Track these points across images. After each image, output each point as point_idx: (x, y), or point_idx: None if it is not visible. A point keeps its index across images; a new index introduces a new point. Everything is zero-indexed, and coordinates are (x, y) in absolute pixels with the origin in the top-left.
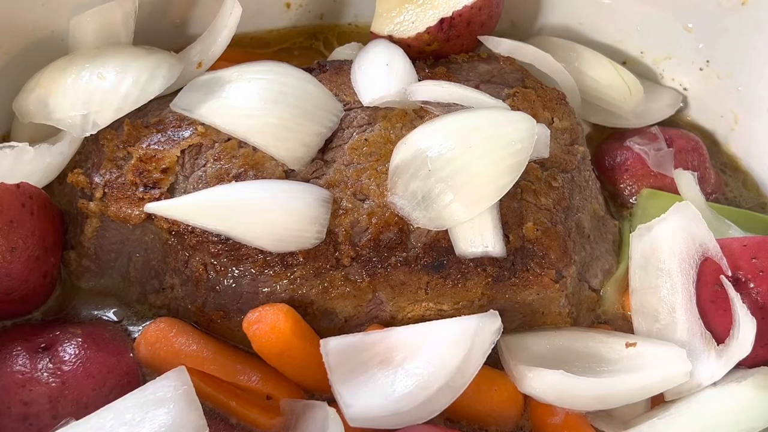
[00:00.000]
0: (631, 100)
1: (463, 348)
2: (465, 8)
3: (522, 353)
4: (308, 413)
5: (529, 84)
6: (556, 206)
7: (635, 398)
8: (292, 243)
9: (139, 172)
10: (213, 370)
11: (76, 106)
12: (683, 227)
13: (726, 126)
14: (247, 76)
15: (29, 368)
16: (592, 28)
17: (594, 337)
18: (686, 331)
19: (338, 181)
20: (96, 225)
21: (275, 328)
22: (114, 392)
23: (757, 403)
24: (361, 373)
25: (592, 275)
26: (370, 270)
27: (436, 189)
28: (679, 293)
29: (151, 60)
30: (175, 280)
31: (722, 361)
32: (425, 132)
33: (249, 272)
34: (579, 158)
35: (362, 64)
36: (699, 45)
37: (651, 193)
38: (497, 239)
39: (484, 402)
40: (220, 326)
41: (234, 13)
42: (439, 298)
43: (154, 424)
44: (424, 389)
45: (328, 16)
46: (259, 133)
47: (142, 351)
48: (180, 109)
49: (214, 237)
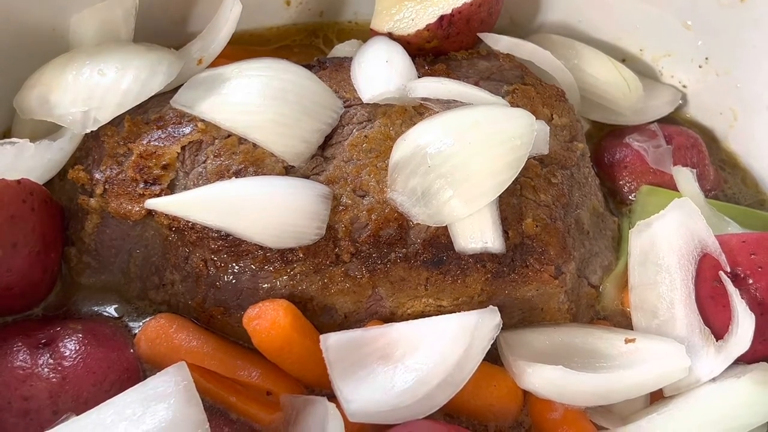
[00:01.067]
0: (631, 97)
1: (462, 344)
2: (465, 5)
3: (521, 349)
4: (308, 409)
5: (528, 81)
6: (556, 203)
7: (634, 394)
8: (292, 239)
9: (139, 168)
10: (213, 365)
11: (76, 102)
12: (682, 224)
13: (725, 123)
14: (247, 72)
15: (30, 364)
16: (592, 25)
17: (593, 333)
18: (685, 327)
19: (338, 178)
20: (96, 221)
21: (275, 323)
22: (114, 388)
23: (755, 398)
24: (361, 368)
25: (591, 271)
26: (370, 266)
27: (435, 185)
28: (678, 289)
29: (152, 57)
30: (176, 276)
31: (721, 357)
32: (425, 128)
33: (249, 268)
34: (578, 155)
35: (362, 61)
36: (698, 42)
37: (650, 190)
38: (497, 235)
39: (484, 397)
40: (220, 322)
41: (234, 10)
42: (439, 294)
43: (154, 420)
44: (423, 385)
45: (328, 13)
46: (259, 129)
47: (142, 347)
48: (180, 106)
49: (214, 233)
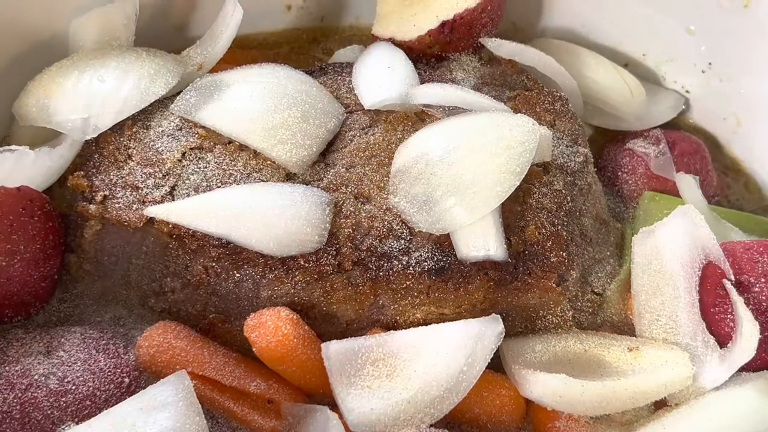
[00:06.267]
0: (633, 102)
1: (465, 352)
2: (466, 11)
3: (524, 357)
4: (309, 417)
5: (530, 87)
6: (559, 209)
7: (638, 403)
8: (294, 246)
9: (139, 175)
10: (214, 374)
11: (76, 109)
12: (686, 231)
13: (728, 129)
14: (248, 78)
15: (29, 372)
16: (594, 30)
17: (596, 341)
18: (689, 335)
19: (340, 185)
20: (96, 228)
21: (276, 332)
22: (115, 396)
23: (759, 407)
24: (363, 377)
25: (594, 278)
26: (372, 274)
27: (437, 192)
28: (682, 297)
29: (152, 62)
30: (176, 284)
31: (725, 366)
32: (427, 135)
33: (250, 276)
34: (581, 161)
35: (363, 67)
36: (701, 47)
37: (653, 196)
38: (499, 243)
39: (486, 406)
40: (220, 330)
41: (235, 15)
42: (441, 302)
43: (155, 429)
44: (425, 394)
45: (329, 18)
46: (260, 136)
47: (142, 355)
48: (181, 112)
49: (214, 240)
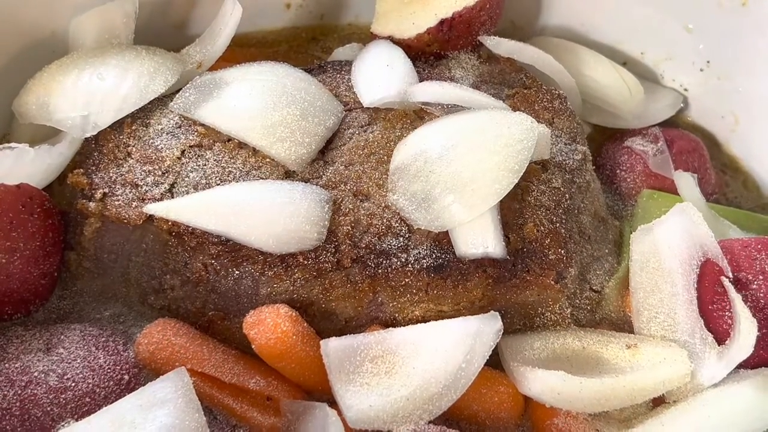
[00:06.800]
0: (632, 100)
1: (463, 349)
2: (465, 9)
3: (522, 354)
4: (308, 414)
5: (529, 85)
6: (557, 207)
7: (636, 400)
8: (293, 244)
9: (139, 172)
10: (213, 371)
11: (76, 107)
12: (684, 228)
13: (726, 127)
14: (247, 76)
15: (29, 369)
16: (593, 28)
17: (594, 338)
18: (687, 332)
19: (339, 182)
20: (96, 226)
21: (275, 329)
22: (114, 393)
23: (757, 404)
24: (362, 373)
25: (592, 276)
26: (371, 271)
27: (436, 190)
28: (680, 294)
29: (152, 60)
30: (175, 281)
31: (723, 363)
32: (426, 133)
33: (249, 273)
34: (579, 159)
35: (362, 65)
36: (699, 46)
37: (651, 194)
38: (498, 240)
39: (484, 403)
40: (220, 327)
41: (234, 14)
42: (440, 299)
43: (154, 425)
44: (424, 390)
45: (329, 17)
46: (259, 133)
47: (142, 352)
48: (180, 110)
49: (214, 238)
